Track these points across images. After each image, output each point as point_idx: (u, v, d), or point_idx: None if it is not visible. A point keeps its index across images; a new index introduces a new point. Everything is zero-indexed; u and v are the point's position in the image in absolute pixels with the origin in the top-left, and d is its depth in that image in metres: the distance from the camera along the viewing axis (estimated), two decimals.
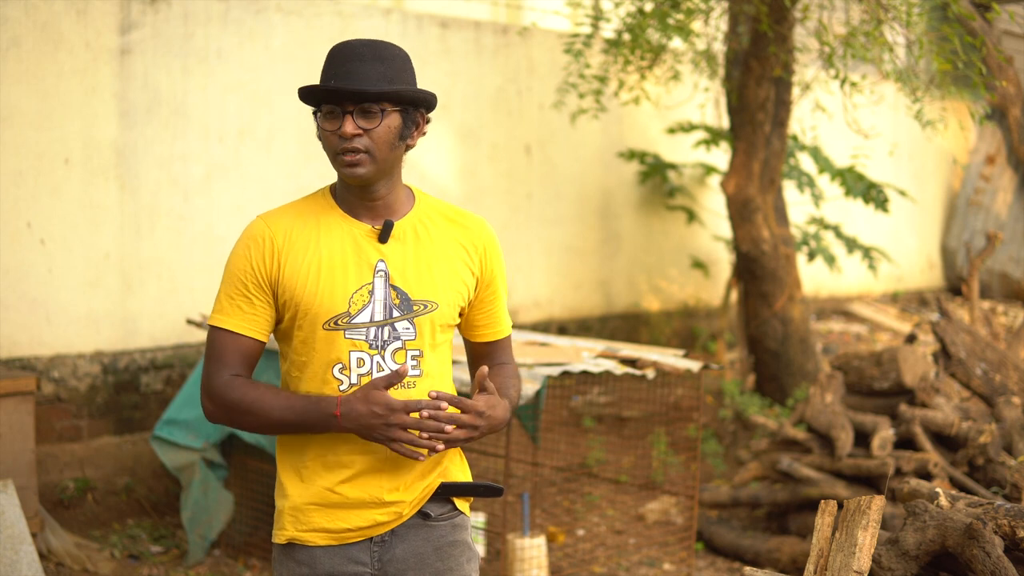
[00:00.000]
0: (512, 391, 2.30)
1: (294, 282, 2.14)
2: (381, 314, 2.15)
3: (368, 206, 2.18)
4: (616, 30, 6.52)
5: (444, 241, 2.22)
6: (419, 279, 2.17)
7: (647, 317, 8.36)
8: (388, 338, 2.15)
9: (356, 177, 2.12)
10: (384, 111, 2.09)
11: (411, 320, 2.16)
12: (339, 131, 2.09)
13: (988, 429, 4.57)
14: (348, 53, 2.10)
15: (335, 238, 2.16)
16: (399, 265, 2.17)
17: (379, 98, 2.08)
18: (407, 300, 2.16)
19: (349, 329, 2.13)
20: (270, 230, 2.16)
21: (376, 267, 2.16)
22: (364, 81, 2.07)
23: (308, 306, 2.14)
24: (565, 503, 5.93)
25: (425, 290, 2.17)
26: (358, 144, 2.09)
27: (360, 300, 2.14)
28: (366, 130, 2.09)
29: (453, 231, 2.24)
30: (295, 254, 2.15)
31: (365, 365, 2.14)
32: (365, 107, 2.08)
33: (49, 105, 5.38)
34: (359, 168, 2.11)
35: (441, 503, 2.24)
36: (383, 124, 2.10)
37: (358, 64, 2.08)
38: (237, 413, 2.14)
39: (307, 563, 2.19)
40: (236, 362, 2.16)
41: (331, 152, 2.13)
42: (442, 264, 2.20)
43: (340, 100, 2.08)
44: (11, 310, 5.30)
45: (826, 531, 2.67)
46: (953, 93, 6.52)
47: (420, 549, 2.20)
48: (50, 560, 4.59)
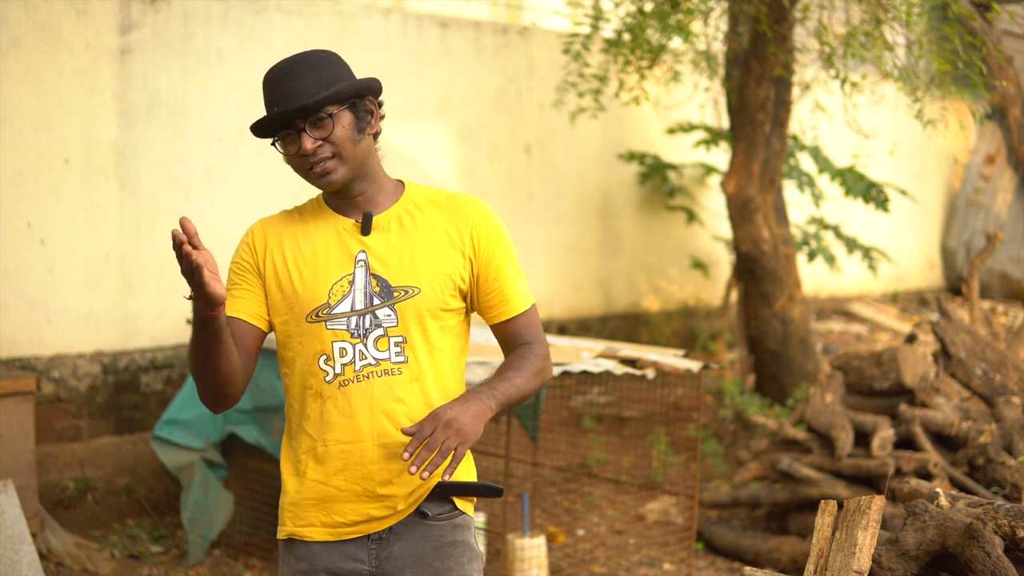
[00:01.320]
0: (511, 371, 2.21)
1: (281, 276, 2.21)
2: (362, 303, 2.17)
3: (352, 203, 2.23)
4: (616, 30, 6.52)
5: (431, 227, 2.23)
6: (401, 266, 2.19)
7: (647, 317, 8.36)
8: (369, 326, 2.17)
9: (333, 184, 2.17)
10: (332, 115, 2.13)
11: (391, 307, 2.17)
12: (300, 151, 2.13)
13: (988, 429, 4.57)
14: (278, 75, 2.15)
15: (320, 234, 2.22)
16: (381, 254, 2.19)
17: (321, 105, 2.11)
18: (387, 287, 2.18)
19: (330, 320, 2.17)
20: (263, 229, 2.26)
21: (356, 257, 2.19)
22: (301, 95, 2.11)
23: (292, 301, 2.20)
24: (565, 503, 5.93)
25: (407, 276, 2.19)
26: (321, 154, 2.14)
27: (340, 291, 2.18)
28: (323, 139, 2.13)
29: (441, 216, 2.25)
30: (284, 249, 2.23)
31: (348, 354, 2.17)
32: (313, 119, 2.12)
33: (49, 105, 5.38)
34: (332, 175, 2.16)
35: (440, 503, 2.23)
36: (336, 126, 2.14)
37: (290, 82, 2.12)
38: (192, 371, 2.16)
39: (306, 559, 2.21)
40: None
41: (302, 173, 2.18)
42: (427, 249, 2.21)
43: (290, 122, 2.12)
44: (11, 310, 5.30)
45: (826, 531, 2.67)
46: (953, 93, 6.52)
47: (418, 548, 2.20)
48: (50, 560, 4.59)
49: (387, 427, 2.16)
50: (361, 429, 2.16)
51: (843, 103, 6.53)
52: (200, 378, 2.15)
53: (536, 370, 2.25)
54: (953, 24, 5.71)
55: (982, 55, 5.71)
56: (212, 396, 2.18)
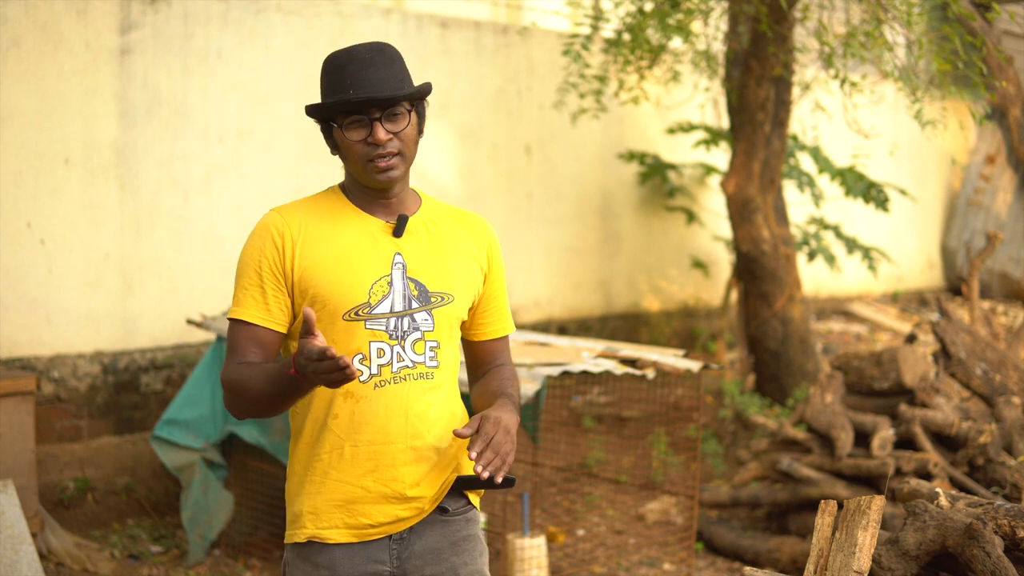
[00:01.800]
0: (511, 390, 2.29)
1: (311, 273, 2.13)
2: (401, 305, 2.16)
3: (383, 203, 2.21)
4: (616, 30, 6.52)
5: (455, 237, 2.25)
6: (435, 272, 2.19)
7: (647, 317, 8.36)
8: (408, 328, 2.16)
9: (392, 180, 2.15)
10: (408, 111, 2.14)
11: (430, 312, 2.17)
12: (370, 139, 2.10)
13: (988, 429, 4.57)
14: (359, 61, 2.11)
15: (351, 231, 2.17)
16: (416, 258, 2.18)
17: (405, 99, 2.12)
18: (425, 292, 2.18)
19: (370, 319, 2.13)
20: (285, 221, 2.16)
21: (394, 260, 2.17)
22: (387, 86, 2.10)
23: (327, 297, 2.13)
24: (565, 503, 5.93)
25: (442, 282, 2.20)
26: (392, 148, 2.12)
27: (380, 291, 2.15)
28: (396, 133, 2.12)
29: (460, 228, 2.27)
30: (311, 245, 2.14)
31: (385, 355, 2.14)
32: (391, 111, 2.10)
33: (49, 105, 5.38)
34: (394, 171, 2.14)
35: (456, 497, 2.24)
36: (409, 124, 2.14)
37: (373, 70, 2.10)
38: (236, 394, 2.11)
39: (326, 565, 2.16)
40: (249, 351, 2.13)
41: (361, 160, 2.12)
42: (455, 259, 2.23)
43: (364, 108, 2.09)
44: (11, 310, 5.30)
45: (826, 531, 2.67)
46: (953, 93, 6.52)
47: (437, 544, 2.21)
48: (50, 560, 4.59)
49: (420, 429, 2.16)
50: (395, 430, 2.14)
51: (843, 103, 6.52)
52: (258, 414, 2.13)
53: (519, 390, 2.35)
54: (953, 24, 5.71)
55: (982, 55, 5.70)
56: (253, 417, 2.19)
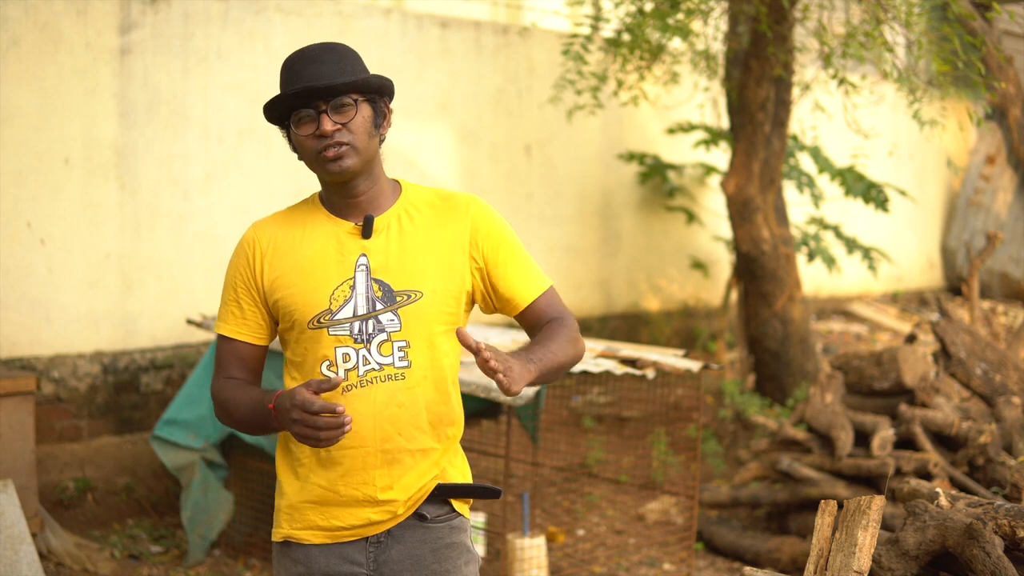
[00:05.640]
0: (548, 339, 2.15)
1: (278, 284, 2.18)
2: (364, 308, 2.15)
3: (352, 203, 2.19)
4: (616, 30, 6.51)
5: (430, 229, 2.21)
6: (402, 270, 2.17)
7: (647, 317, 8.36)
8: (373, 331, 2.14)
9: (342, 169, 2.12)
10: (356, 101, 2.11)
11: (395, 312, 2.15)
12: (317, 131, 2.09)
13: (988, 429, 4.57)
14: (303, 58, 2.12)
15: (319, 238, 2.19)
16: (382, 258, 2.17)
17: (349, 89, 2.09)
18: (390, 292, 2.16)
19: (332, 326, 2.14)
20: (256, 236, 2.22)
21: (358, 262, 2.16)
22: (330, 77, 2.09)
23: (293, 307, 2.17)
24: (565, 503, 5.93)
25: (409, 280, 2.16)
26: (340, 138, 2.10)
27: (341, 296, 2.15)
28: (343, 124, 2.10)
29: (439, 217, 2.22)
30: (279, 257, 2.19)
31: (351, 360, 2.14)
32: (337, 102, 2.09)
33: (49, 105, 5.38)
34: (344, 160, 2.11)
35: (438, 505, 2.22)
36: (358, 115, 2.12)
37: (317, 65, 2.10)
38: (222, 411, 2.23)
39: (303, 561, 2.20)
40: (233, 366, 2.25)
41: (312, 155, 2.13)
42: (429, 253, 2.19)
43: (311, 101, 2.09)
44: (11, 310, 5.30)
45: (826, 531, 2.67)
46: (953, 93, 6.51)
47: (416, 551, 2.19)
48: (50, 560, 4.59)
49: (390, 432, 2.15)
50: (364, 434, 2.14)
51: (843, 103, 6.52)
52: (241, 431, 2.25)
53: (570, 338, 2.19)
54: (953, 24, 5.70)
55: (982, 55, 5.71)
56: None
